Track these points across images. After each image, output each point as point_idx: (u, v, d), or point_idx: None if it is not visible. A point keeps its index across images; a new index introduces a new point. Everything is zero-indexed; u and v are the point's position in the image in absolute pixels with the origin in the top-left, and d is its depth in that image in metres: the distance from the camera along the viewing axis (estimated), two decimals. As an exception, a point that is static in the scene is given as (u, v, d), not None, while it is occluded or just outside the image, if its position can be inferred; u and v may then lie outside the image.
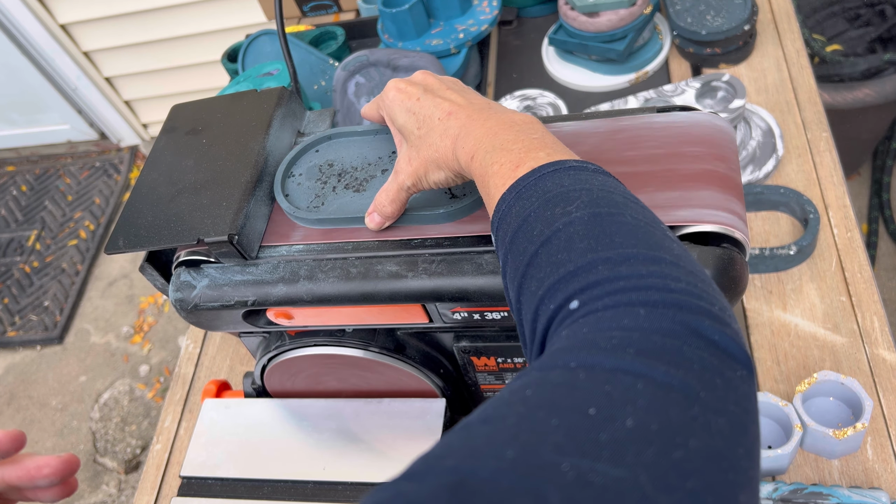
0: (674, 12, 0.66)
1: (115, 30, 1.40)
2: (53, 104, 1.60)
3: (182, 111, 0.44)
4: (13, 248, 1.61)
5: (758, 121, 0.61)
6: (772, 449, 0.42)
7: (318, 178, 0.40)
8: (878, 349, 0.48)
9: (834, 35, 1.01)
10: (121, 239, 0.37)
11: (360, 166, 0.40)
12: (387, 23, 0.65)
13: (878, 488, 0.42)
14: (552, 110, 0.66)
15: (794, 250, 0.52)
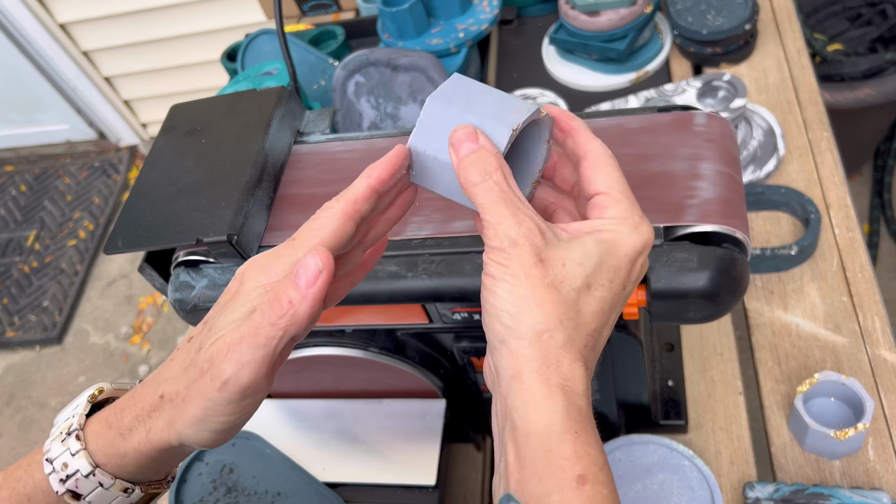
0: (674, 11, 0.66)
1: (115, 29, 1.40)
2: (52, 104, 1.59)
3: (181, 111, 0.44)
4: (12, 249, 1.61)
5: (759, 120, 0.61)
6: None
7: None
8: (879, 349, 0.48)
9: (835, 34, 1.01)
10: (120, 239, 0.37)
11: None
12: (387, 22, 0.65)
13: (880, 489, 0.42)
14: (552, 110, 0.66)
15: (795, 250, 0.52)
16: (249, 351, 0.22)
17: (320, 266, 0.23)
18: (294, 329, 0.23)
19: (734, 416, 0.48)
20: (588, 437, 0.20)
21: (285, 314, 0.22)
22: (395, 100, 0.60)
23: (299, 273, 0.23)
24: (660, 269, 0.32)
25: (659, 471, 0.43)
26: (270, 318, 0.22)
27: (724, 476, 0.45)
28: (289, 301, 0.22)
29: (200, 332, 0.24)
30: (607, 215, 0.23)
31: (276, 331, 0.22)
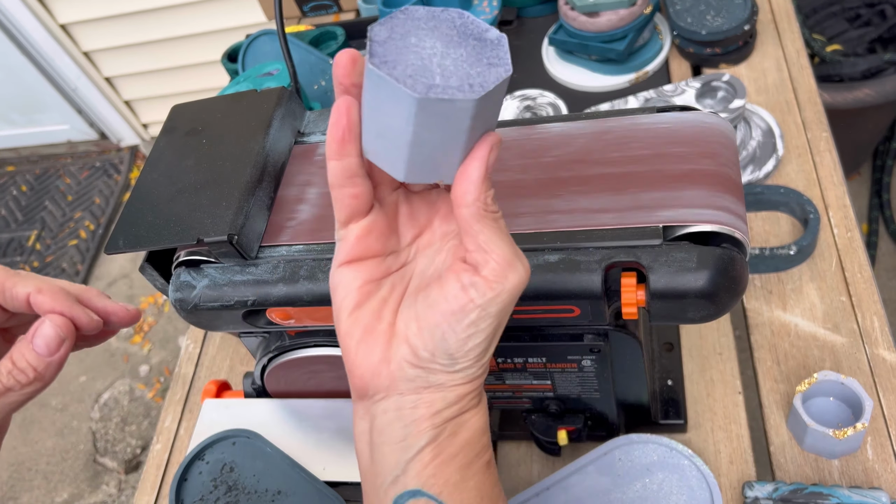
0: (674, 12, 0.66)
1: (115, 30, 1.40)
2: (53, 104, 1.59)
3: (182, 111, 0.44)
4: (13, 249, 1.61)
5: (758, 121, 0.61)
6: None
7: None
8: (878, 349, 0.48)
9: (834, 35, 1.01)
10: (121, 239, 0.37)
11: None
12: (387, 23, 0.65)
13: (879, 488, 0.42)
14: (552, 110, 0.66)
15: (794, 250, 0.52)
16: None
17: (62, 334, 0.24)
18: (36, 394, 0.25)
19: (733, 415, 0.48)
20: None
21: (31, 382, 0.24)
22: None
23: (37, 341, 0.24)
24: (659, 269, 0.32)
25: (658, 470, 0.43)
26: (12, 387, 0.24)
27: (723, 475, 0.45)
28: (33, 370, 0.24)
29: None
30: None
31: (19, 396, 0.24)
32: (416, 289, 0.26)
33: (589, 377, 0.41)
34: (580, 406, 0.44)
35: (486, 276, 0.23)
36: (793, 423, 0.45)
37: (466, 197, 0.23)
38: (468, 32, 0.22)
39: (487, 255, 0.23)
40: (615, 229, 0.34)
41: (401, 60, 0.21)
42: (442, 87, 0.21)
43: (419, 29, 0.22)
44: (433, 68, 0.21)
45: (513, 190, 0.37)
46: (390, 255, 0.27)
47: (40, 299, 0.24)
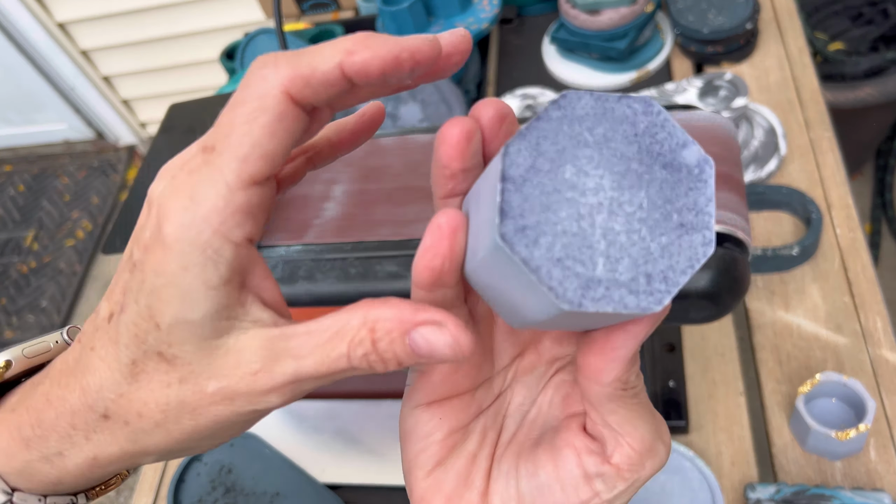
0: (675, 10, 0.66)
1: (113, 28, 1.39)
2: (51, 103, 1.59)
3: (180, 110, 0.44)
4: (10, 249, 1.60)
5: (760, 120, 0.61)
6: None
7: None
8: (880, 350, 0.48)
9: (836, 33, 1.01)
10: (119, 239, 0.37)
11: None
12: (386, 21, 0.65)
13: (881, 490, 0.42)
14: (553, 109, 0.66)
15: (796, 250, 0.52)
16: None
17: (453, 338, 0.15)
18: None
19: (735, 416, 0.47)
20: None
21: (385, 369, 0.16)
22: (395, 99, 0.59)
23: (417, 337, 0.15)
24: (661, 270, 0.32)
25: (660, 472, 0.43)
26: (359, 368, 0.16)
27: (725, 477, 0.45)
28: (396, 362, 0.16)
29: (126, 306, 0.16)
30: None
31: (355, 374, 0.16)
32: (516, 445, 0.19)
33: (590, 378, 0.41)
34: (581, 407, 0.44)
35: (617, 464, 0.17)
36: (795, 425, 0.45)
37: (604, 375, 0.16)
38: (654, 150, 0.14)
39: (620, 438, 0.17)
40: (617, 229, 0.34)
41: (546, 228, 0.13)
42: (605, 284, 0.13)
43: (580, 144, 0.14)
44: (595, 239, 0.14)
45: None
46: (483, 384, 0.20)
47: (360, 60, 0.15)
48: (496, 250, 0.14)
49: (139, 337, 0.16)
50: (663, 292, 0.14)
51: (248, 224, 0.15)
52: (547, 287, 0.13)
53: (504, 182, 0.14)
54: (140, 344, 0.16)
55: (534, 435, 0.19)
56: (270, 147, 0.15)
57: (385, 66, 0.15)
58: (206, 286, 0.15)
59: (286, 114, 0.15)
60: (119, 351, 0.16)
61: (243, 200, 0.15)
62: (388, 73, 0.15)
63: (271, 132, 0.15)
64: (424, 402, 0.19)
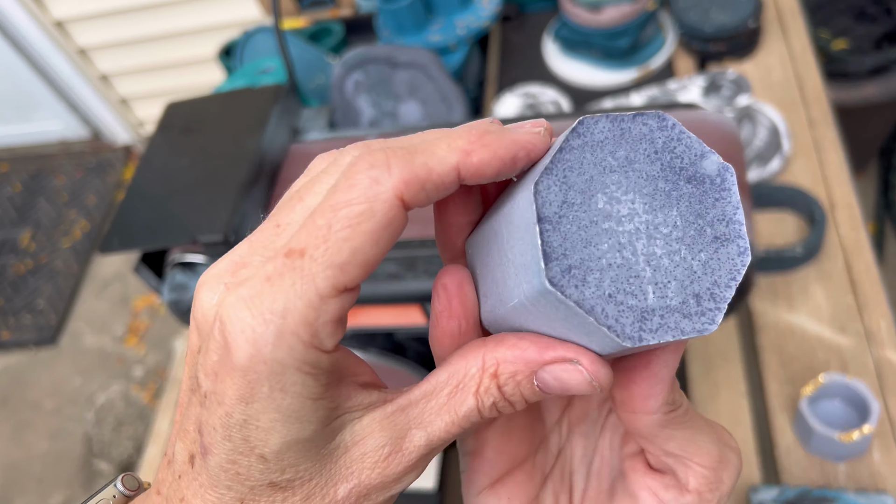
0: (678, 8, 0.65)
1: (110, 26, 1.39)
2: (47, 102, 1.58)
3: (177, 109, 0.43)
4: (7, 249, 1.59)
5: (763, 118, 0.60)
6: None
7: None
8: (884, 351, 0.47)
9: (840, 31, 1.01)
10: (115, 239, 0.37)
11: None
12: (385, 18, 0.64)
13: (885, 491, 0.41)
14: (554, 107, 0.65)
15: (799, 250, 0.51)
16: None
17: (588, 380, 0.14)
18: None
19: (738, 418, 0.47)
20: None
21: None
22: (395, 97, 0.59)
23: (546, 377, 0.14)
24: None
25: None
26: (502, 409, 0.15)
27: (728, 479, 0.45)
28: (524, 401, 0.15)
29: (212, 445, 0.14)
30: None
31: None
32: (591, 501, 0.18)
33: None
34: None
35: (695, 489, 0.16)
36: (798, 426, 0.45)
37: (649, 403, 0.15)
38: (675, 165, 0.14)
39: (687, 462, 0.16)
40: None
41: (592, 264, 0.13)
42: (659, 313, 0.13)
43: (606, 170, 0.13)
44: (640, 268, 0.13)
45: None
46: (540, 447, 0.19)
47: (477, 161, 0.14)
48: (543, 295, 0.13)
49: (241, 475, 0.14)
50: (714, 310, 0.13)
51: (339, 332, 0.14)
52: (606, 327, 0.13)
53: (541, 223, 0.13)
54: (245, 481, 0.14)
55: (605, 486, 0.18)
56: (372, 254, 0.13)
57: (503, 166, 0.14)
58: (311, 399, 0.13)
59: (394, 220, 0.13)
60: (220, 493, 0.14)
61: (336, 308, 0.13)
62: (504, 172, 0.14)
63: (375, 239, 0.13)
64: (487, 484, 0.18)
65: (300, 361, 0.13)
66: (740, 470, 0.17)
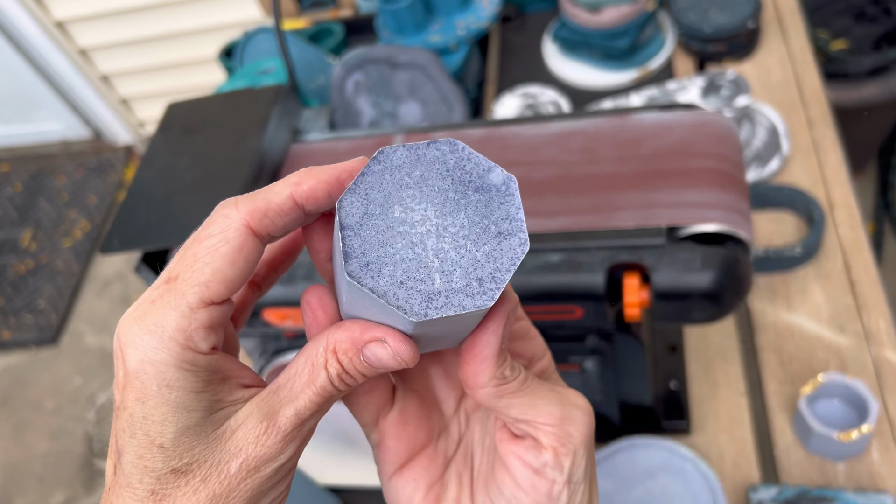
0: (677, 9, 0.65)
1: (111, 27, 1.39)
2: (48, 102, 1.58)
3: (178, 109, 0.43)
4: (8, 249, 1.60)
5: (762, 119, 0.60)
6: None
7: None
8: (883, 350, 0.48)
9: (839, 32, 1.01)
10: (116, 239, 0.37)
11: None
12: (386, 19, 0.65)
13: (884, 491, 0.41)
14: (554, 108, 0.66)
15: (798, 250, 0.51)
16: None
17: (397, 357, 0.17)
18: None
19: (737, 418, 0.47)
20: None
21: (356, 386, 0.18)
22: (395, 98, 0.59)
23: (368, 354, 0.17)
24: (663, 270, 0.32)
25: (661, 473, 0.43)
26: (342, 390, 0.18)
27: (727, 479, 0.45)
28: (362, 376, 0.18)
29: (124, 447, 0.17)
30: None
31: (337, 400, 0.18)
32: (482, 475, 0.21)
33: (591, 379, 0.41)
34: (582, 408, 0.44)
35: (549, 445, 0.19)
36: (797, 426, 0.45)
37: (478, 378, 0.18)
38: (465, 179, 0.17)
39: (534, 423, 0.19)
40: (618, 229, 0.33)
41: (386, 260, 0.16)
42: (444, 294, 0.16)
43: (403, 187, 0.17)
44: (429, 260, 0.16)
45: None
46: (441, 435, 0.22)
47: (307, 188, 0.17)
48: (350, 286, 0.16)
49: (148, 467, 0.17)
50: (494, 290, 0.16)
51: (211, 336, 0.17)
52: (396, 307, 0.16)
53: (343, 230, 0.16)
54: (151, 472, 0.17)
55: (492, 459, 0.21)
56: (230, 273, 0.17)
57: (330, 188, 0.17)
58: (194, 392, 0.17)
59: (245, 244, 0.17)
60: (135, 489, 0.17)
61: (205, 317, 0.17)
62: (334, 194, 0.18)
63: (231, 260, 0.17)
64: (394, 470, 0.21)
65: (180, 360, 0.16)
66: (590, 423, 0.20)
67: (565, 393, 0.20)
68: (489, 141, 0.39)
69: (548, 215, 0.35)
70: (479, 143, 0.39)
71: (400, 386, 0.21)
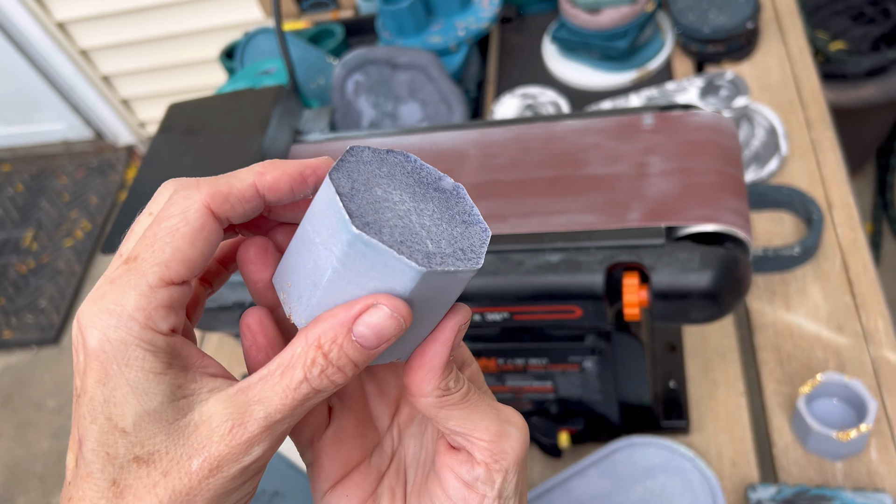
0: (676, 10, 0.66)
1: (112, 27, 1.39)
2: (49, 103, 1.59)
3: (179, 110, 0.44)
4: (9, 249, 1.60)
5: (761, 119, 0.60)
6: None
7: None
8: (881, 350, 0.48)
9: (837, 32, 1.01)
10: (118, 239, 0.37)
11: None
12: (386, 20, 0.65)
13: (883, 490, 0.42)
14: (553, 108, 0.66)
15: (797, 250, 0.52)
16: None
17: (398, 317, 0.17)
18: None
19: (736, 417, 0.47)
20: None
21: (346, 381, 0.18)
22: (395, 98, 0.59)
23: (361, 329, 0.17)
24: (662, 270, 0.32)
25: (660, 473, 0.43)
26: (324, 388, 0.17)
27: (726, 478, 0.45)
28: (353, 366, 0.17)
29: (85, 434, 0.16)
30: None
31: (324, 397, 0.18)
32: (416, 488, 0.21)
33: (591, 378, 0.41)
34: (582, 408, 0.44)
35: (482, 461, 0.19)
36: (796, 425, 0.45)
37: (422, 387, 0.18)
38: (424, 181, 0.19)
39: (470, 437, 0.19)
40: (617, 229, 0.34)
41: (383, 223, 0.17)
42: (439, 255, 0.17)
43: (376, 176, 0.18)
44: (417, 230, 0.17)
45: (514, 189, 0.36)
46: (374, 451, 0.22)
47: (271, 178, 0.17)
48: (352, 245, 0.16)
49: (110, 454, 0.16)
50: (476, 259, 0.18)
51: (171, 317, 0.17)
52: (407, 256, 0.16)
53: (341, 196, 0.17)
54: (113, 460, 0.16)
55: (426, 473, 0.21)
56: (190, 253, 0.17)
57: (293, 182, 0.18)
58: (154, 373, 0.16)
59: (205, 225, 0.17)
60: (96, 480, 0.16)
61: (165, 297, 0.16)
62: (296, 188, 0.18)
63: (191, 241, 0.17)
64: (327, 487, 0.21)
65: (139, 339, 0.16)
66: (524, 442, 0.20)
67: (504, 411, 0.20)
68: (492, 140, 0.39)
69: (547, 215, 0.35)
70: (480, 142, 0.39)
71: (337, 405, 0.21)
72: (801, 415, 0.43)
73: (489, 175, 0.37)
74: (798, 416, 0.44)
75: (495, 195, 0.37)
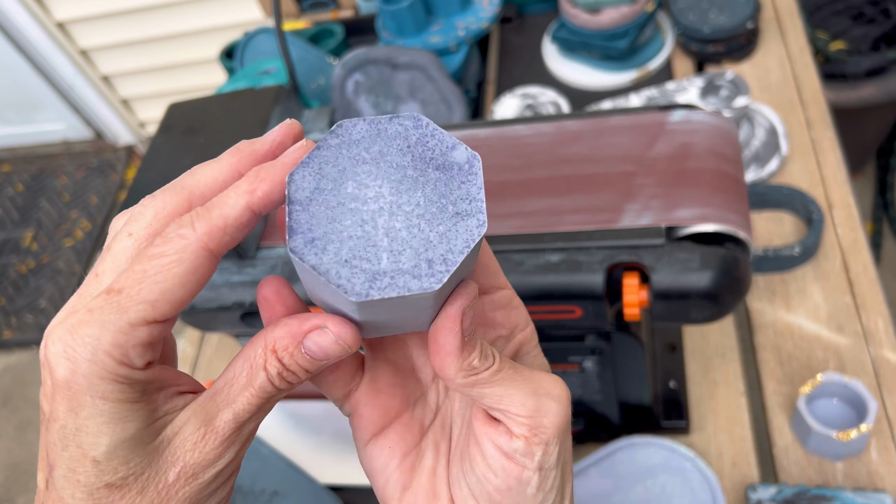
0: (676, 10, 0.66)
1: (112, 27, 1.39)
2: (49, 103, 1.59)
3: (179, 110, 0.43)
4: (9, 249, 1.60)
5: (761, 119, 0.60)
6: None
7: None
8: (882, 350, 0.48)
9: (838, 32, 1.01)
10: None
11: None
12: (386, 20, 0.65)
13: (883, 490, 0.42)
14: (553, 108, 0.66)
15: (797, 250, 0.52)
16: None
17: (341, 343, 0.17)
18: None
19: (736, 417, 0.47)
20: None
21: (300, 383, 0.18)
22: (395, 98, 0.59)
23: (309, 344, 0.17)
24: (662, 270, 0.32)
25: (660, 472, 0.43)
26: (283, 389, 0.18)
27: (726, 478, 0.45)
28: (305, 372, 0.18)
29: (56, 461, 0.16)
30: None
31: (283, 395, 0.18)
32: (459, 448, 0.21)
33: (591, 378, 0.41)
34: (582, 408, 0.44)
35: (521, 434, 0.19)
36: (796, 425, 0.45)
37: (447, 371, 0.18)
38: (426, 156, 0.16)
39: (507, 412, 0.19)
40: (617, 229, 0.34)
41: (333, 237, 0.16)
42: (390, 274, 0.15)
43: (359, 162, 0.16)
44: (378, 238, 0.16)
45: (514, 190, 0.36)
46: (418, 403, 0.21)
47: (262, 194, 0.17)
48: (294, 263, 0.16)
49: (81, 482, 0.16)
50: (443, 272, 0.16)
51: (148, 354, 0.16)
52: (336, 285, 0.15)
53: (291, 205, 0.16)
54: (83, 487, 0.16)
55: (469, 433, 0.20)
56: (179, 294, 0.16)
57: (284, 187, 0.17)
58: (130, 402, 0.16)
59: (201, 266, 0.16)
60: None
61: (145, 335, 0.16)
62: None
63: (183, 283, 0.16)
64: (369, 437, 0.21)
65: (114, 374, 0.16)
66: (565, 414, 0.19)
67: (542, 382, 0.19)
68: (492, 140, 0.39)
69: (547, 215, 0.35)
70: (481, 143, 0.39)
71: (369, 356, 0.21)
72: (802, 415, 0.43)
73: (489, 175, 0.37)
74: (798, 416, 0.44)
75: (495, 195, 0.37)
